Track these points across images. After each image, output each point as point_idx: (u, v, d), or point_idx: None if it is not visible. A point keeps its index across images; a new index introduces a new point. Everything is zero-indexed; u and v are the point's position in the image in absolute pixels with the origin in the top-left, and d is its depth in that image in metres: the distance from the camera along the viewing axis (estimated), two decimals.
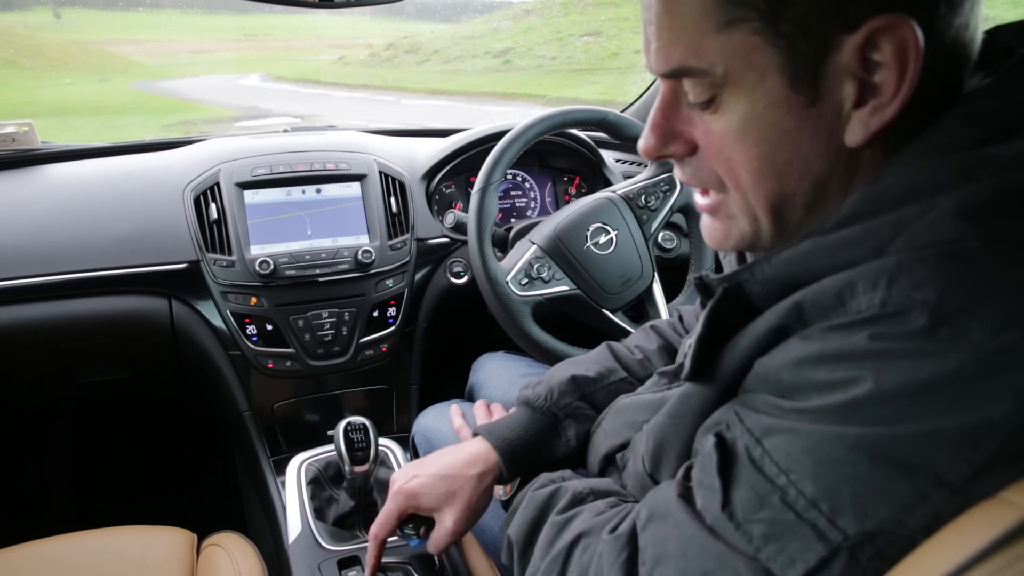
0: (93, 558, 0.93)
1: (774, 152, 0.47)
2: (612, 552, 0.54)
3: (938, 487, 0.38)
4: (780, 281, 0.48)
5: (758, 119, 0.47)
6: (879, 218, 0.43)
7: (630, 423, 0.73)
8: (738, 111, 0.47)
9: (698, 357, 0.53)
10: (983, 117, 0.44)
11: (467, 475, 0.78)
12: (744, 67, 0.46)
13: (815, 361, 0.43)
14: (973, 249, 0.40)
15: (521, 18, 11.36)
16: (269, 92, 9.72)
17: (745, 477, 0.45)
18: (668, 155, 0.54)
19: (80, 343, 1.20)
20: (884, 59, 0.43)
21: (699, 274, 0.56)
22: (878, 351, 0.40)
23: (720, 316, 0.51)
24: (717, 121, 0.49)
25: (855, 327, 0.41)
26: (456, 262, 1.32)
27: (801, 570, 0.41)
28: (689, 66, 0.47)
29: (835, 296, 0.43)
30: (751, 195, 0.50)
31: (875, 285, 0.41)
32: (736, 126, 0.48)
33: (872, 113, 0.44)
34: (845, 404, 0.41)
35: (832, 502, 0.40)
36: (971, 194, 0.41)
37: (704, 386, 0.54)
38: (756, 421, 0.46)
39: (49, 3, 10.80)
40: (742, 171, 0.49)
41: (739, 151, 0.48)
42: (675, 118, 0.52)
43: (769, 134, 0.47)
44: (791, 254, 0.47)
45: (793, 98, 0.45)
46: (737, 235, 0.54)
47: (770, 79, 0.45)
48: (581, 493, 0.67)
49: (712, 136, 0.50)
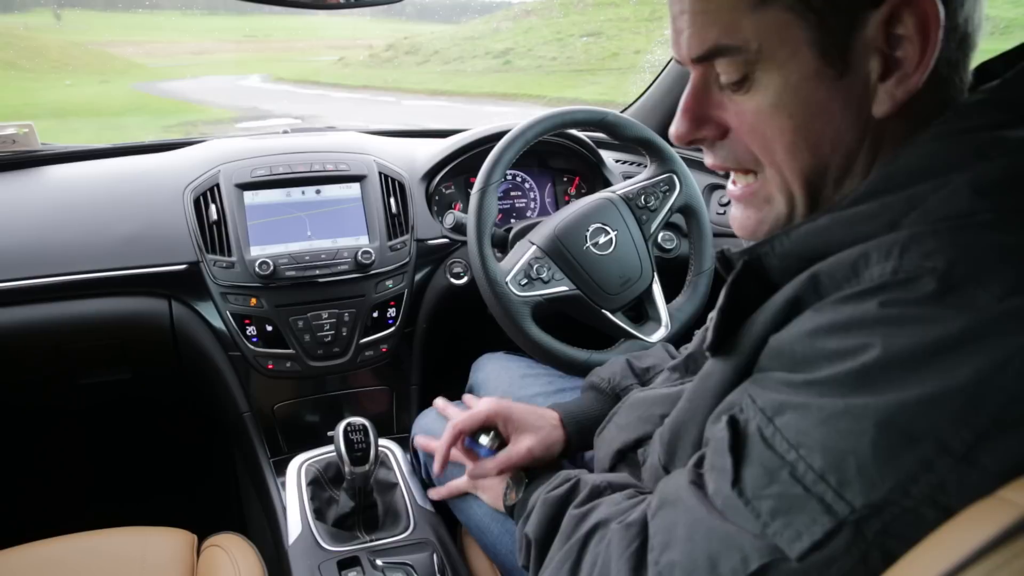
0: (93, 559, 0.93)
1: (808, 124, 0.49)
2: (623, 541, 0.54)
3: (942, 454, 0.39)
4: (798, 254, 0.49)
5: (791, 93, 0.48)
6: (894, 194, 0.45)
7: (644, 417, 0.74)
8: (771, 86, 0.49)
9: (719, 329, 0.54)
10: (1001, 104, 0.46)
11: (551, 423, 0.90)
12: (778, 43, 0.48)
13: (827, 331, 0.44)
14: (986, 221, 0.41)
15: (521, 19, 11.37)
16: (269, 93, 9.73)
17: (756, 455, 0.46)
18: (700, 139, 0.55)
19: (80, 344, 1.20)
20: (907, 32, 0.45)
21: (721, 249, 0.58)
22: (887, 317, 0.41)
23: (740, 289, 0.53)
24: (750, 100, 0.50)
25: (866, 295, 0.43)
26: (456, 263, 1.32)
27: (807, 543, 0.42)
28: (724, 45, 0.49)
29: (849, 267, 0.45)
30: (787, 169, 0.51)
31: (888, 255, 0.43)
32: (771, 101, 0.49)
33: (897, 84, 0.47)
34: (854, 372, 0.42)
35: (839, 474, 0.41)
36: (985, 171, 0.43)
37: (724, 364, 0.55)
38: (768, 400, 0.47)
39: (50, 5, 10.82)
40: (777, 145, 0.51)
41: (773, 126, 0.50)
42: (706, 103, 0.54)
43: (802, 106, 0.49)
44: (810, 227, 0.49)
45: (824, 71, 0.48)
46: (772, 220, 0.55)
47: (802, 54, 0.47)
48: (599, 486, 0.68)
49: (745, 116, 0.51)
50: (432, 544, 0.99)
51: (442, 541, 1.01)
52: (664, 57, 1.60)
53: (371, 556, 0.96)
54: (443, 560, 0.97)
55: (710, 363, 0.57)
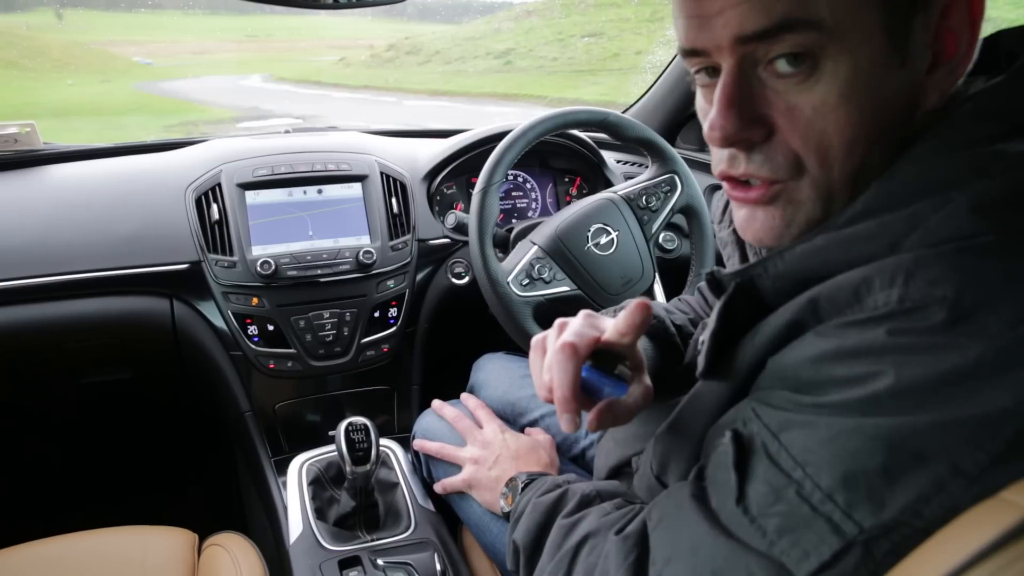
0: (94, 558, 0.93)
1: (873, 118, 0.45)
2: (620, 553, 0.53)
3: (955, 476, 0.38)
4: (793, 276, 0.47)
5: (863, 81, 0.44)
6: (893, 213, 0.44)
7: (639, 434, 0.72)
8: (840, 73, 0.44)
9: (712, 352, 0.52)
10: (993, 114, 0.45)
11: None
12: (852, 23, 0.43)
13: (833, 357, 0.43)
14: (989, 244, 0.40)
15: (522, 19, 11.37)
16: (271, 93, 9.74)
17: (761, 471, 0.45)
18: (746, 139, 0.48)
19: (82, 344, 1.20)
20: (955, 24, 0.45)
21: (710, 270, 0.55)
22: (897, 346, 0.40)
23: (732, 312, 0.51)
24: (810, 90, 0.45)
25: (872, 323, 0.42)
26: (457, 263, 1.32)
27: (815, 564, 0.41)
28: (796, 18, 0.43)
29: (851, 292, 0.43)
30: (837, 170, 0.47)
31: (892, 281, 0.41)
32: (839, 90, 0.44)
33: (946, 76, 0.46)
34: (865, 398, 0.41)
35: (848, 494, 0.40)
36: (984, 189, 0.41)
37: (717, 384, 0.53)
38: (773, 417, 0.46)
39: (51, 4, 10.83)
40: (835, 142, 0.46)
41: (836, 120, 0.45)
42: (751, 97, 0.47)
43: (871, 98, 0.45)
44: (805, 249, 0.47)
45: (891, 59, 0.45)
46: (802, 222, 0.50)
47: (875, 37, 0.44)
48: (588, 495, 0.67)
49: (800, 111, 0.46)
50: (433, 544, 0.99)
51: (443, 541, 1.01)
52: (665, 58, 1.60)
53: (372, 556, 0.96)
54: (444, 560, 0.97)
55: (700, 384, 0.56)
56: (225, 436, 1.45)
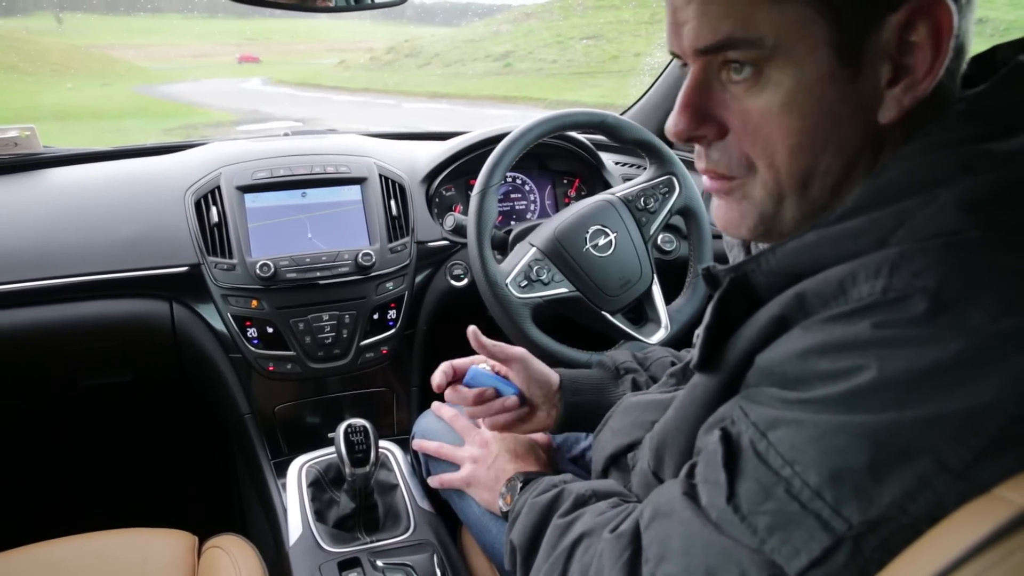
0: (94, 561, 0.94)
1: (816, 127, 0.48)
2: (614, 551, 0.54)
3: (940, 472, 0.39)
4: (785, 272, 0.49)
5: (805, 92, 0.47)
6: (882, 210, 0.45)
7: (638, 422, 0.74)
8: (784, 84, 0.47)
9: (706, 346, 0.53)
10: (982, 115, 0.45)
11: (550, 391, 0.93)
12: (795, 39, 0.46)
13: (819, 352, 0.44)
14: (974, 239, 0.41)
15: (521, 22, 11.39)
16: (270, 96, 9.75)
17: (750, 470, 0.46)
18: (698, 137, 0.53)
19: (82, 346, 1.20)
20: (920, 39, 0.45)
21: (706, 265, 0.57)
22: (880, 339, 0.41)
23: (727, 306, 0.52)
24: (757, 97, 0.48)
25: (856, 315, 0.42)
26: (456, 265, 1.32)
27: (805, 561, 0.42)
28: (739, 37, 0.47)
29: (837, 285, 0.44)
30: (784, 172, 0.50)
31: (877, 273, 0.42)
32: (781, 99, 0.47)
33: (905, 91, 0.46)
34: (849, 392, 0.42)
35: (836, 491, 0.41)
36: (971, 186, 0.42)
37: (710, 378, 0.54)
38: (761, 415, 0.46)
39: (51, 8, 10.84)
40: (780, 147, 0.49)
41: (780, 126, 0.48)
42: (707, 99, 0.51)
43: (814, 108, 0.47)
44: (796, 245, 0.48)
45: (839, 72, 0.46)
46: (755, 217, 0.53)
47: (819, 52, 0.46)
48: (584, 495, 0.68)
49: (750, 115, 0.49)
50: (432, 545, 0.99)
51: (442, 542, 1.02)
52: (664, 60, 1.60)
53: (372, 557, 0.96)
54: (443, 561, 0.97)
55: (696, 376, 0.57)
56: (225, 438, 1.45)
